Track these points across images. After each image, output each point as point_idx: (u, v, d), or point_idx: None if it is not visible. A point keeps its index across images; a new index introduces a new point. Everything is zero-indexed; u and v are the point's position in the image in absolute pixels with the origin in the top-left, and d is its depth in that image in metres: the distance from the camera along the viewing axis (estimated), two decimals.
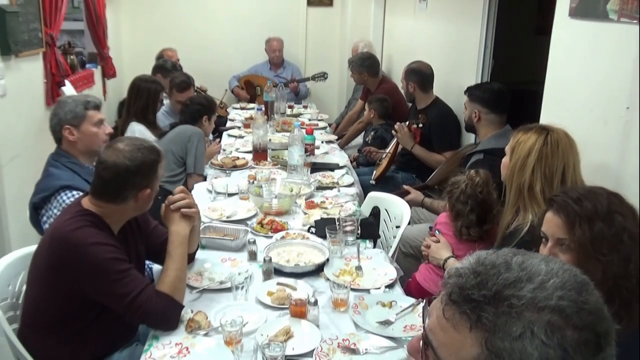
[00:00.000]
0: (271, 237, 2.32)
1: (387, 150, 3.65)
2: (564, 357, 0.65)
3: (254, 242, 2.15)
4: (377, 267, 2.09)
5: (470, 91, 2.96)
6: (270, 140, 3.54)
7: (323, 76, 5.44)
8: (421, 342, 0.77)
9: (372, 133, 4.20)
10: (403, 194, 2.89)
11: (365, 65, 4.57)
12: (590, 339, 0.66)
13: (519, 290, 0.68)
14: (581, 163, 1.82)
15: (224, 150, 3.72)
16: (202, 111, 3.32)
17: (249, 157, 3.44)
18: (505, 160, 1.94)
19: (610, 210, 1.26)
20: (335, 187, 2.96)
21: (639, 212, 1.31)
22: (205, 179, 3.20)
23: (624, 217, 1.26)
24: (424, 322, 0.79)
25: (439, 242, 2.19)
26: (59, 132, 2.33)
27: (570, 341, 0.65)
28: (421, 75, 3.72)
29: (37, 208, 2.24)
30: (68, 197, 2.14)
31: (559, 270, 0.71)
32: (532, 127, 1.87)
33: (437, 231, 2.21)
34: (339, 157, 3.62)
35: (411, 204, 2.79)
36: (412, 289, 2.21)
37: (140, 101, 3.47)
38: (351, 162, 3.87)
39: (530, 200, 1.80)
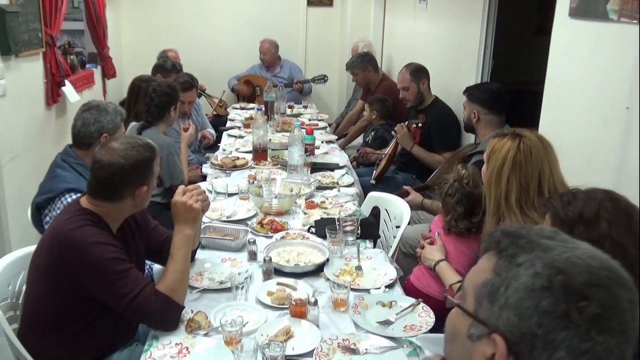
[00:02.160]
0: (271, 237, 2.32)
1: (387, 151, 3.65)
2: (547, 289, 0.68)
3: (254, 242, 2.15)
4: (377, 267, 2.09)
5: (469, 91, 2.96)
6: (270, 140, 3.54)
7: (323, 79, 5.46)
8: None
9: (372, 133, 4.20)
10: (403, 195, 2.89)
11: (367, 60, 4.59)
12: (582, 291, 0.68)
13: (546, 239, 0.74)
14: (581, 163, 1.82)
15: (224, 150, 3.72)
16: (170, 101, 3.18)
17: (249, 157, 3.44)
18: (483, 169, 1.92)
19: (597, 216, 1.26)
20: (335, 187, 2.96)
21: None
22: (205, 178, 3.19)
23: (611, 224, 1.24)
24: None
25: (433, 244, 2.18)
26: (96, 138, 2.34)
27: (560, 281, 0.68)
28: (427, 72, 3.72)
29: (40, 208, 2.25)
30: (72, 200, 2.15)
31: (600, 253, 0.74)
32: (506, 133, 1.86)
33: (436, 233, 2.21)
34: (339, 157, 3.62)
35: (410, 205, 2.78)
36: (408, 291, 2.20)
37: (140, 102, 3.46)
38: (351, 162, 3.86)
39: (508, 211, 1.79)
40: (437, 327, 1.69)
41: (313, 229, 2.37)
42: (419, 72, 3.72)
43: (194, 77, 3.93)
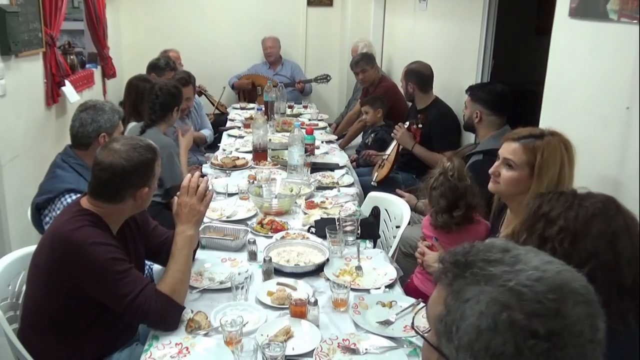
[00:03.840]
0: (271, 237, 2.32)
1: (388, 153, 3.64)
2: (493, 330, 0.67)
3: (254, 242, 2.15)
4: (377, 267, 2.09)
5: (473, 91, 2.94)
6: (270, 140, 3.54)
7: (325, 78, 5.47)
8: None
9: (372, 135, 4.18)
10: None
11: (370, 58, 4.62)
12: (528, 326, 0.67)
13: (491, 266, 0.71)
14: (580, 164, 1.82)
15: (224, 150, 3.72)
16: (174, 102, 3.16)
17: (249, 157, 3.44)
18: (517, 175, 1.81)
19: (558, 217, 1.28)
20: (335, 187, 2.96)
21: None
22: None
23: (562, 231, 1.25)
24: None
25: (432, 249, 2.17)
26: (94, 138, 2.35)
27: (505, 320, 0.67)
28: (420, 76, 3.72)
29: (39, 208, 2.25)
30: (72, 200, 2.14)
31: (550, 271, 0.71)
32: (537, 134, 1.78)
33: (434, 239, 2.18)
34: (339, 157, 3.62)
35: None
36: (411, 291, 2.20)
37: (144, 100, 3.46)
38: (351, 162, 3.86)
39: None
40: None
41: (313, 229, 2.38)
42: (409, 75, 3.78)
43: (190, 74, 3.93)
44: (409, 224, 2.55)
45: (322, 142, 3.92)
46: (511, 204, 1.91)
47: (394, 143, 3.58)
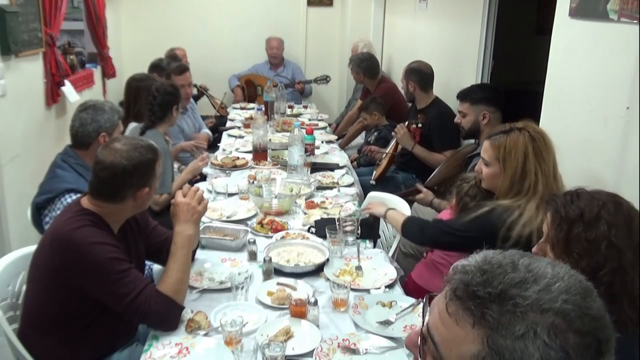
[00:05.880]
0: (271, 237, 2.32)
1: (387, 150, 3.65)
2: (564, 358, 0.66)
3: (254, 242, 2.15)
4: (377, 267, 2.09)
5: (470, 95, 2.93)
6: (270, 140, 3.54)
7: (325, 79, 5.47)
8: (419, 337, 0.78)
9: (375, 134, 4.18)
10: (413, 192, 2.87)
11: (362, 66, 4.56)
12: (592, 344, 0.67)
13: (524, 290, 0.69)
14: (581, 163, 1.82)
15: (224, 150, 3.72)
16: (173, 101, 3.14)
17: (249, 157, 3.44)
18: (491, 171, 1.92)
19: (597, 217, 1.27)
20: (335, 187, 2.96)
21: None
22: (205, 178, 3.19)
23: (611, 226, 1.25)
24: (423, 317, 0.80)
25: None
26: (94, 137, 2.35)
27: (573, 344, 0.66)
28: (421, 75, 3.72)
29: (39, 208, 2.25)
30: (72, 200, 2.15)
31: (565, 275, 0.71)
32: (505, 130, 1.88)
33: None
34: (339, 157, 3.62)
35: (420, 203, 2.78)
36: (410, 288, 2.21)
37: (142, 101, 3.46)
38: (351, 162, 3.86)
39: (532, 196, 1.81)
40: None
41: (313, 229, 2.37)
42: (410, 73, 3.78)
43: (183, 63, 3.92)
44: None
45: (322, 142, 3.92)
46: None
47: (393, 140, 3.59)
